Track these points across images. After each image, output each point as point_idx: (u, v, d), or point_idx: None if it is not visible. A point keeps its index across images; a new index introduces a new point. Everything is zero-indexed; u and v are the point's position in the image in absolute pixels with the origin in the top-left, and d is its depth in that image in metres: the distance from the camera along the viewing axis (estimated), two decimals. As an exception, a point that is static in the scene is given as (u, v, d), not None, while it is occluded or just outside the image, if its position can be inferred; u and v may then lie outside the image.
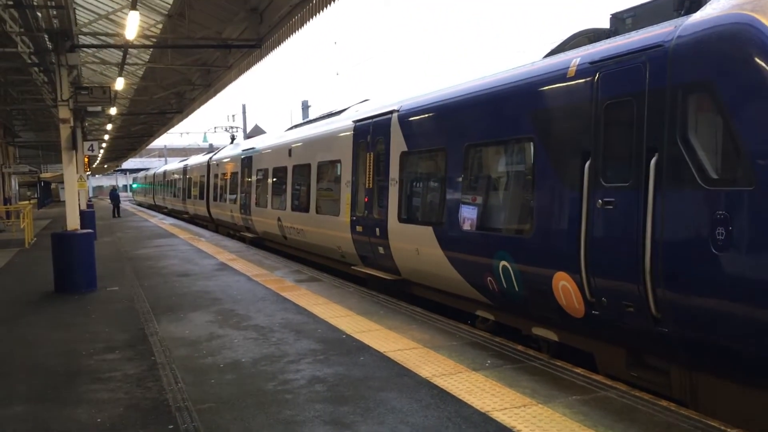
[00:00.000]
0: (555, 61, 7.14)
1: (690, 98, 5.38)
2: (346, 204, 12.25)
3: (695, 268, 5.21)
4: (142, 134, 42.85)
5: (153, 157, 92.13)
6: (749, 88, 4.95)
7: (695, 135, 5.34)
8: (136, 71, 22.60)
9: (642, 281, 5.65)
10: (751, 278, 4.83)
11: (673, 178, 5.43)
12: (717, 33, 5.20)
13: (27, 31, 13.31)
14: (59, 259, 11.64)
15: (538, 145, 7.12)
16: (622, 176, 5.93)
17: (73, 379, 6.39)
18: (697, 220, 5.21)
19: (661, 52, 5.63)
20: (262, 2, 13.94)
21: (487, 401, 5.30)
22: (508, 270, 7.54)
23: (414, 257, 9.79)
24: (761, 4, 5.01)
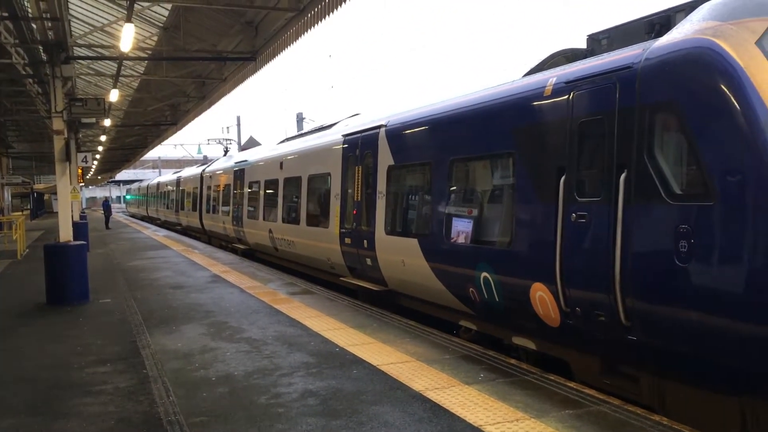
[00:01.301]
0: (533, 80, 7.41)
1: (656, 117, 5.64)
2: (336, 216, 12.47)
3: (660, 279, 5.45)
4: (136, 146, 42.84)
5: (147, 169, 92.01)
6: (709, 108, 5.23)
7: (661, 152, 5.62)
8: (130, 83, 22.62)
9: (612, 291, 5.88)
10: (711, 289, 5.09)
11: (641, 194, 5.68)
12: (681, 56, 5.50)
13: (22, 43, 13.32)
14: (51, 270, 11.59)
15: (518, 160, 7.37)
16: (594, 191, 6.21)
17: (64, 392, 6.35)
18: (663, 233, 5.45)
19: (630, 73, 5.90)
20: (258, 15, 14.00)
21: (480, 415, 5.29)
22: (489, 281, 7.75)
23: (400, 268, 9.98)
24: (721, 29, 5.32)
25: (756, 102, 4.94)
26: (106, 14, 16.17)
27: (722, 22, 5.42)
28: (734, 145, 5.03)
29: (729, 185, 5.02)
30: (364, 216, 11.25)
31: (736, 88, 5.06)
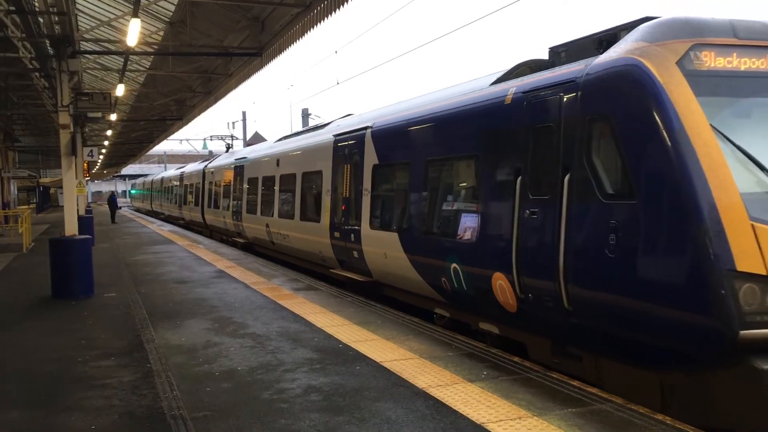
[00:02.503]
0: (497, 89, 8.15)
1: (594, 126, 6.38)
2: (326, 211, 13.21)
3: (594, 268, 6.22)
4: (141, 140, 42.90)
5: (153, 164, 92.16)
6: (633, 119, 5.99)
7: (598, 157, 6.34)
8: (136, 78, 22.66)
9: (557, 279, 6.61)
10: (632, 277, 5.82)
11: (581, 193, 6.43)
12: (612, 73, 6.26)
13: (29, 37, 13.34)
14: (57, 264, 11.62)
15: (482, 162, 8.15)
16: (544, 191, 6.94)
17: (68, 386, 6.38)
18: (597, 227, 6.21)
19: (574, 86, 6.65)
20: (264, 11, 14.00)
21: (482, 413, 5.29)
22: (458, 271, 8.49)
23: (383, 260, 10.70)
24: (648, 50, 6.04)
25: (672, 115, 5.67)
26: (112, 9, 16.19)
27: (650, 43, 6.12)
28: (652, 152, 5.77)
29: (648, 186, 5.78)
30: (352, 211, 11.94)
31: (656, 103, 5.77)
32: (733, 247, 5.22)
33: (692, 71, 5.89)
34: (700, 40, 6.00)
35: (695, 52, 5.96)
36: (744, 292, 5.14)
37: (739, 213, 5.31)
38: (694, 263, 5.34)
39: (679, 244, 5.48)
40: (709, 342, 5.26)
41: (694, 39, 6.01)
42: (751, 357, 5.13)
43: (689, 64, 5.92)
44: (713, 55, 6.00)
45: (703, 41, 6.01)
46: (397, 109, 11.13)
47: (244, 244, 20.89)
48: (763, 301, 5.17)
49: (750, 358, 5.13)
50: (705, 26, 6.13)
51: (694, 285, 5.32)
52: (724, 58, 6.02)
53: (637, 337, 5.90)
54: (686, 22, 6.19)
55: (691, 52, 5.95)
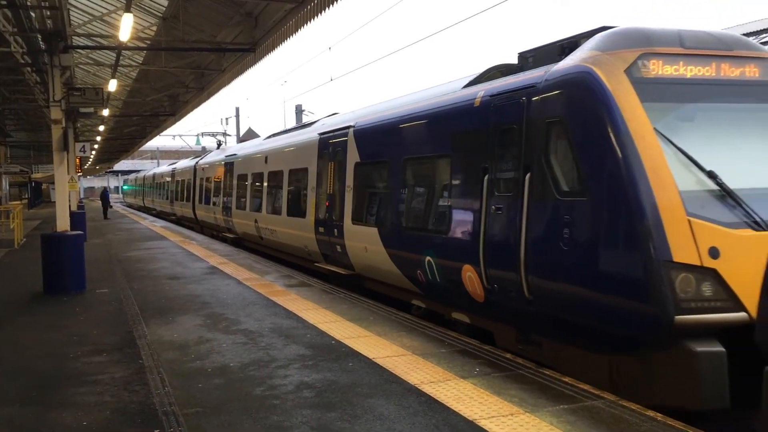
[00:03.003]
0: (468, 92, 8.60)
1: (551, 129, 6.83)
2: (312, 207, 13.66)
3: (551, 260, 6.68)
4: (134, 136, 42.75)
5: (145, 159, 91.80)
6: (584, 123, 6.46)
7: (555, 157, 6.80)
8: (129, 73, 22.56)
9: (519, 271, 7.07)
10: (582, 268, 6.29)
11: (539, 191, 6.89)
12: (567, 79, 6.72)
13: (20, 31, 13.26)
14: (48, 260, 11.58)
15: (454, 161, 8.59)
16: (508, 188, 7.41)
17: (59, 382, 6.36)
18: (553, 222, 6.67)
19: (534, 91, 7.12)
20: (257, 7, 13.96)
21: (474, 409, 5.30)
22: (432, 264, 8.93)
23: (363, 254, 11.16)
24: (599, 58, 6.50)
25: (619, 120, 6.13)
26: (105, 4, 16.11)
27: (602, 52, 6.57)
28: (600, 153, 6.24)
29: (596, 185, 6.26)
30: (336, 208, 12.37)
31: (604, 108, 6.23)
32: (670, 240, 5.70)
33: (639, 78, 6.35)
34: (649, 50, 6.48)
35: (643, 61, 6.44)
36: (680, 281, 5.65)
37: (677, 210, 5.79)
38: (635, 255, 5.84)
39: (623, 238, 6.00)
40: (649, 326, 5.76)
41: (643, 48, 6.48)
42: (685, 339, 5.62)
43: (637, 71, 6.38)
44: (660, 64, 6.47)
45: (651, 50, 6.48)
46: (378, 109, 11.61)
47: (234, 239, 21.29)
48: (698, 289, 5.65)
49: (685, 341, 5.62)
50: (653, 36, 6.61)
51: (636, 275, 5.82)
52: (671, 66, 6.50)
53: (588, 323, 6.38)
54: (636, 32, 6.68)
55: (639, 61, 6.43)
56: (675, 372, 5.72)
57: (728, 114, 6.59)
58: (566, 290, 6.49)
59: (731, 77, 6.72)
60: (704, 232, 5.75)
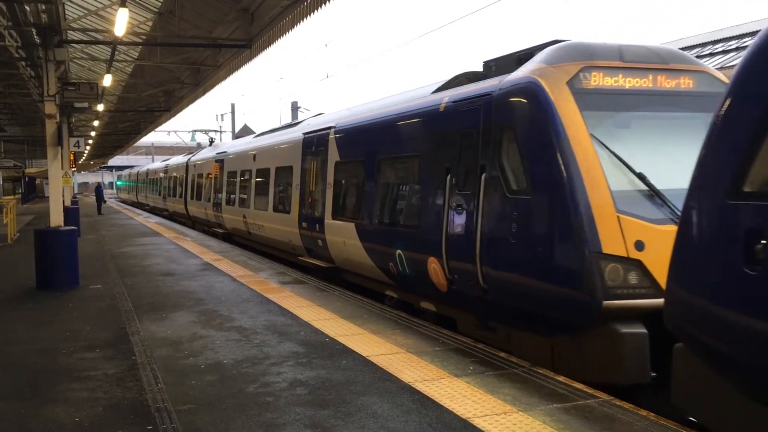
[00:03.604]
0: (435, 97, 9.27)
1: (502, 133, 7.53)
2: (296, 203, 14.32)
3: (501, 252, 7.39)
4: (129, 131, 42.53)
5: (140, 155, 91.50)
6: (529, 129, 7.16)
7: (505, 159, 7.48)
8: (124, 68, 22.45)
9: (475, 262, 7.73)
10: (527, 259, 7.01)
11: (493, 189, 7.57)
12: (516, 89, 7.42)
13: (15, 25, 13.18)
14: (42, 255, 11.53)
15: (422, 161, 9.25)
16: (467, 186, 8.07)
17: (52, 378, 6.34)
18: (504, 218, 7.36)
19: (489, 99, 7.81)
20: (254, 2, 13.90)
21: (468, 407, 5.30)
22: (402, 257, 9.60)
23: (342, 248, 11.80)
24: (545, 71, 7.18)
25: (559, 127, 6.79)
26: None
27: (548, 64, 7.25)
28: (542, 156, 6.93)
29: (538, 184, 6.95)
30: (317, 204, 13.07)
31: (546, 116, 6.91)
32: (601, 234, 6.39)
33: (580, 89, 7.01)
34: (590, 63, 7.17)
35: (584, 73, 7.09)
36: (609, 271, 6.33)
37: (608, 207, 6.48)
38: (570, 247, 6.53)
39: (560, 232, 6.70)
40: (581, 311, 6.45)
41: (585, 62, 7.17)
42: (613, 322, 6.28)
43: (578, 83, 7.04)
44: (601, 75, 7.16)
45: (592, 63, 7.17)
46: (357, 111, 12.33)
47: (224, 234, 21.88)
48: (625, 277, 6.34)
49: (612, 323, 6.28)
50: (595, 50, 7.31)
51: (571, 265, 6.52)
52: (610, 78, 7.18)
53: (532, 308, 7.09)
54: (579, 46, 7.39)
55: (581, 73, 7.08)
56: (603, 351, 6.39)
57: (663, 122, 7.22)
58: (514, 280, 7.23)
59: (667, 88, 7.38)
60: (631, 227, 6.44)
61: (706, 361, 4.78)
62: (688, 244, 4.85)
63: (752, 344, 4.21)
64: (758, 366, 4.24)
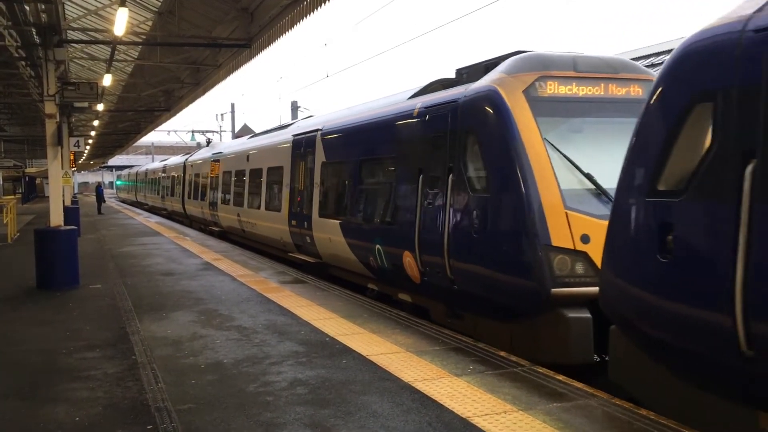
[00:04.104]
0: (410, 103, 9.94)
1: (467, 137, 8.19)
2: (286, 202, 15.01)
3: (465, 245, 8.08)
4: (129, 131, 42.53)
5: (140, 155, 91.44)
6: (489, 133, 7.84)
7: (469, 161, 8.13)
8: (124, 68, 22.45)
9: (443, 255, 8.42)
10: (487, 251, 7.71)
11: (458, 188, 8.24)
12: (478, 97, 8.07)
13: (14, 25, 13.17)
14: (42, 255, 11.53)
15: (398, 162, 9.93)
16: (437, 185, 8.73)
17: (52, 377, 6.33)
18: (467, 215, 8.02)
19: (456, 105, 8.49)
20: (253, 2, 13.90)
21: (468, 407, 5.30)
22: (380, 252, 10.24)
23: (328, 244, 12.46)
24: (504, 80, 7.84)
25: (514, 132, 7.46)
26: (100, -3, 16.01)
27: (507, 74, 7.91)
28: (499, 159, 7.61)
29: (496, 184, 7.61)
30: (305, 203, 13.73)
31: (504, 121, 7.59)
32: (550, 229, 7.04)
33: (535, 97, 7.66)
34: (545, 73, 7.82)
35: (540, 82, 7.75)
36: (557, 262, 7.00)
37: (557, 205, 7.12)
38: (523, 241, 7.20)
39: (515, 227, 7.37)
40: (533, 298, 7.14)
41: (541, 72, 7.81)
42: (561, 308, 6.94)
43: (534, 91, 7.70)
44: (556, 84, 7.80)
45: (547, 74, 7.81)
46: (342, 114, 13.02)
47: (219, 232, 22.61)
48: (572, 267, 7.00)
49: (560, 309, 6.94)
50: (550, 61, 7.95)
51: (524, 257, 7.19)
52: (565, 87, 7.82)
53: (493, 297, 7.75)
54: (536, 57, 8.02)
55: (537, 82, 7.73)
56: (553, 334, 7.06)
57: (613, 126, 7.81)
58: (476, 271, 7.91)
59: (617, 96, 7.97)
60: (578, 222, 7.07)
61: (632, 338, 5.44)
62: (615, 236, 5.55)
63: (665, 322, 4.92)
64: (672, 341, 4.94)
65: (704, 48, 4.83)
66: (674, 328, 4.84)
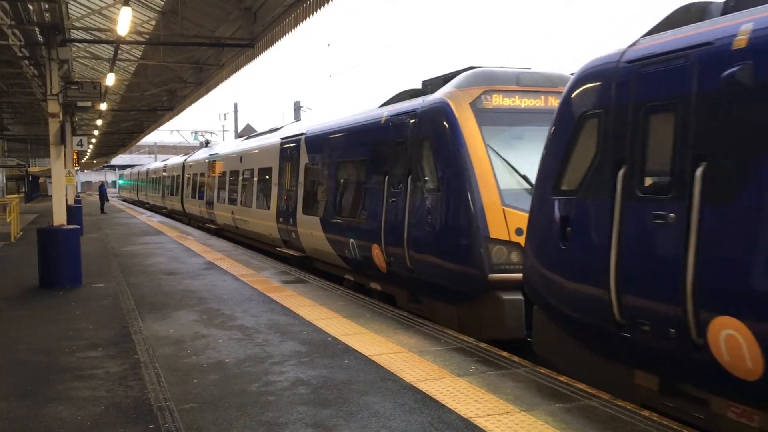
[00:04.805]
0: (379, 112, 11.01)
1: (422, 143, 9.27)
2: (274, 201, 16.12)
3: (421, 238, 9.15)
4: (132, 131, 42.58)
5: (143, 154, 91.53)
6: (440, 140, 8.91)
7: (425, 163, 9.21)
8: (127, 67, 22.47)
9: (403, 246, 9.48)
10: (437, 242, 8.81)
11: (416, 188, 9.33)
12: (432, 108, 9.18)
13: (18, 24, 13.19)
14: (45, 254, 11.55)
15: (369, 165, 10.97)
16: (399, 185, 9.79)
17: (54, 376, 6.34)
18: (422, 211, 9.12)
19: (415, 115, 9.60)
20: (256, 2, 13.89)
21: (470, 407, 5.30)
22: (354, 245, 11.26)
23: (311, 239, 13.57)
24: (454, 93, 8.94)
25: (461, 139, 8.55)
26: (103, -3, 16.01)
27: (457, 88, 8.99)
28: (448, 162, 8.68)
29: (445, 184, 8.67)
30: (291, 201, 14.83)
31: (452, 130, 8.67)
32: (489, 223, 8.14)
33: (481, 109, 8.73)
34: (490, 87, 8.87)
35: (485, 95, 8.80)
36: (494, 251, 8.09)
37: (496, 202, 8.22)
38: (467, 234, 8.26)
39: (460, 222, 8.40)
40: (474, 283, 8.21)
41: (486, 86, 8.87)
42: (497, 291, 8.02)
43: (479, 103, 8.76)
44: (501, 97, 8.87)
45: (492, 88, 8.88)
46: (324, 120, 14.17)
47: (216, 229, 23.83)
48: (507, 256, 8.08)
49: (497, 292, 8.02)
50: (495, 76, 9.03)
51: (467, 248, 8.25)
52: (508, 99, 8.89)
53: (444, 283, 8.77)
54: (483, 73, 9.09)
55: (482, 96, 8.79)
56: (491, 313, 8.11)
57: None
58: (430, 260, 8.95)
59: (555, 107, 8.40)
60: (513, 218, 8.12)
61: (547, 314, 6.57)
62: (533, 227, 6.77)
63: (568, 299, 6.12)
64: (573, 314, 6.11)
65: (591, 74, 6.09)
66: (573, 303, 6.05)
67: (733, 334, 4.55)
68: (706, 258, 4.74)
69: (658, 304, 5.13)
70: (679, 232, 4.93)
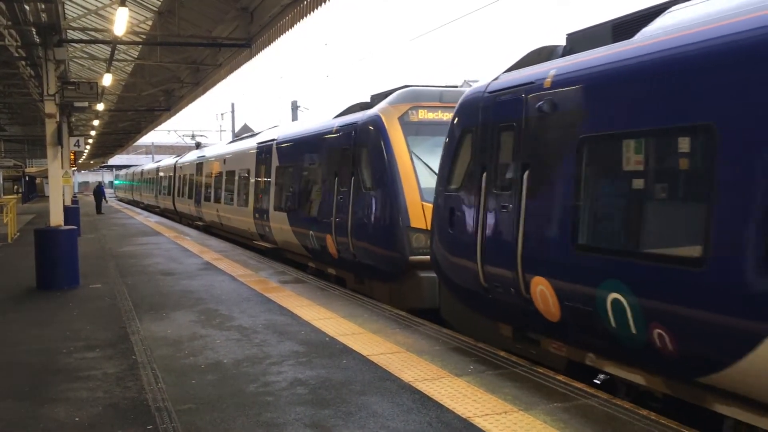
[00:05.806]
0: (333, 122, 12.82)
1: (362, 150, 11.03)
2: (251, 199, 17.93)
3: (360, 228, 10.92)
4: (129, 131, 42.49)
5: (140, 154, 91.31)
6: (373, 147, 10.68)
7: (363, 167, 10.96)
8: (124, 67, 22.43)
9: (347, 236, 11.24)
10: (371, 230, 10.55)
11: (357, 187, 11.08)
12: (368, 121, 10.97)
13: (14, 25, 13.16)
14: (42, 255, 11.52)
15: (324, 168, 12.76)
16: (345, 185, 11.53)
17: (52, 377, 6.33)
18: (362, 205, 10.89)
19: (356, 126, 11.40)
20: (253, 1, 13.87)
21: (468, 407, 5.30)
22: (313, 236, 13.03)
23: (281, 232, 15.34)
24: (386, 108, 10.72)
25: (389, 147, 10.33)
26: (100, -3, 15.97)
27: (389, 104, 10.75)
28: (379, 166, 10.45)
29: (377, 184, 10.47)
30: (265, 199, 16.58)
31: (381, 140, 10.48)
32: (410, 215, 9.90)
33: (407, 122, 10.51)
34: (416, 104, 10.68)
35: (412, 110, 10.60)
36: (414, 238, 9.83)
37: (416, 199, 9.96)
38: (393, 224, 10.02)
39: (387, 214, 10.15)
40: (399, 264, 9.97)
41: (413, 103, 10.67)
42: (417, 270, 9.77)
43: (406, 117, 10.54)
44: (425, 112, 10.65)
45: (418, 104, 10.68)
46: (292, 127, 16.55)
47: (204, 226, 25.51)
48: (424, 242, 9.62)
49: (416, 271, 9.78)
50: (421, 94, 10.80)
51: (393, 235, 10.00)
52: (432, 113, 10.67)
53: (377, 265, 10.53)
54: (412, 91, 10.85)
55: (409, 111, 10.59)
56: (412, 288, 9.91)
57: None
58: (367, 247, 10.67)
59: None
60: (430, 211, 9.19)
61: (446, 285, 8.52)
62: (434, 217, 8.57)
63: (455, 271, 8.02)
64: (459, 282, 8.00)
65: (468, 100, 8.02)
66: (458, 274, 7.95)
67: (543, 289, 6.43)
68: (526, 235, 6.67)
69: (504, 270, 6.99)
70: (514, 218, 6.85)
